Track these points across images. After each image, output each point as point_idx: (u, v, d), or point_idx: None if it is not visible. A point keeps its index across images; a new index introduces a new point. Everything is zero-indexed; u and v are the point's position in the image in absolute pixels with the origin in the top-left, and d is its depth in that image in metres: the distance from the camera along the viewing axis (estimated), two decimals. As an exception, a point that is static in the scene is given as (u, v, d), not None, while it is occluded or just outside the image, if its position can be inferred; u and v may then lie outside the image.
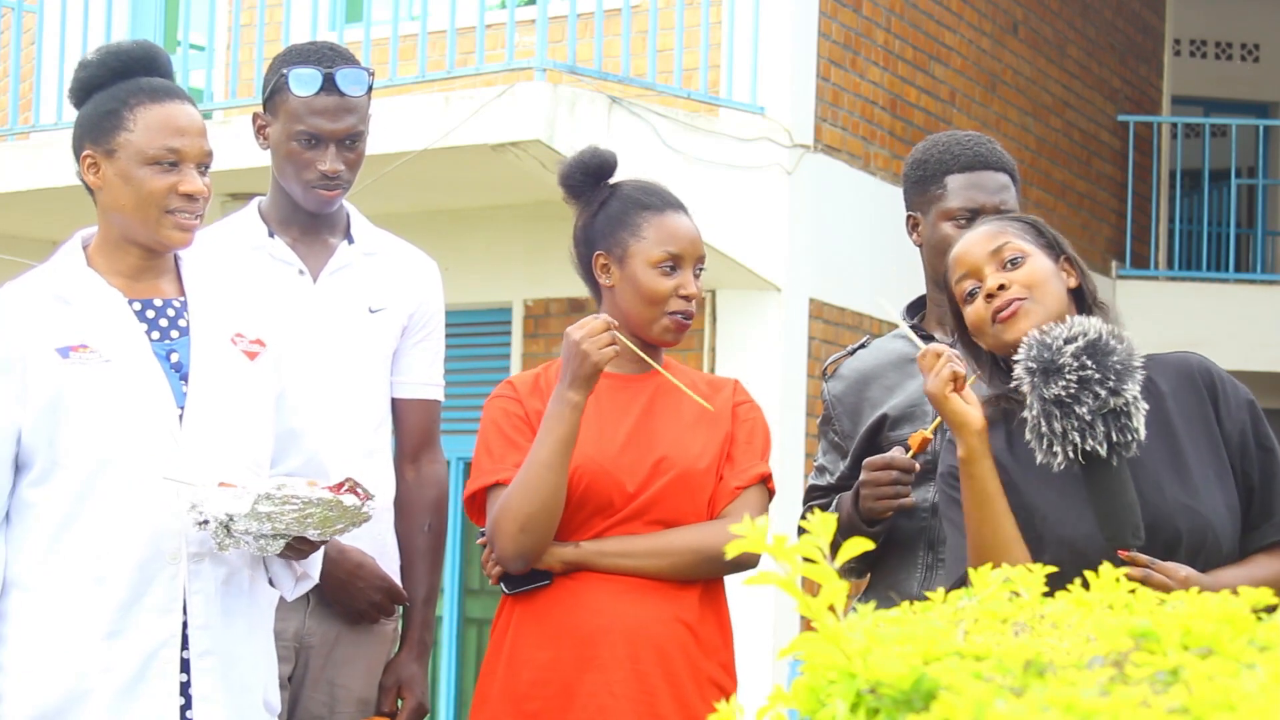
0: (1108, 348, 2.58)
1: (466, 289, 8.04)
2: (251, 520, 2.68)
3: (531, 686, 3.02)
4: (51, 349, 2.76)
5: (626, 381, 3.14)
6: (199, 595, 2.79)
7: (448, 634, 9.06)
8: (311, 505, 2.71)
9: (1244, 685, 1.32)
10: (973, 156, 3.29)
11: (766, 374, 7.71)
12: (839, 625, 1.48)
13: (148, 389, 2.79)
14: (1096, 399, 2.55)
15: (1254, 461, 2.73)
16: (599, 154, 3.22)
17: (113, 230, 2.85)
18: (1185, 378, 2.77)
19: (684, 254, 3.14)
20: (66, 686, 2.73)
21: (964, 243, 2.81)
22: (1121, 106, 11.69)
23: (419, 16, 7.90)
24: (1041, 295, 2.71)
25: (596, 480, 3.01)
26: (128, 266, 2.86)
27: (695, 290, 3.14)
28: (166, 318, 2.87)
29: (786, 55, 7.99)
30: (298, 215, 3.38)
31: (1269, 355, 11.04)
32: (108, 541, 2.74)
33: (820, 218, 8.06)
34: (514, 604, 3.11)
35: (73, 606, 2.74)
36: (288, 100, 3.30)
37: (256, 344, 2.92)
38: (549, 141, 6.86)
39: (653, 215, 3.16)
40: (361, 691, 3.39)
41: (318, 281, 3.36)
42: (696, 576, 3.05)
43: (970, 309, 2.76)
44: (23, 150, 8.69)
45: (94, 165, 2.84)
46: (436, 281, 3.51)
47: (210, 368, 2.85)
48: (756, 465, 3.12)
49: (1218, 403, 2.75)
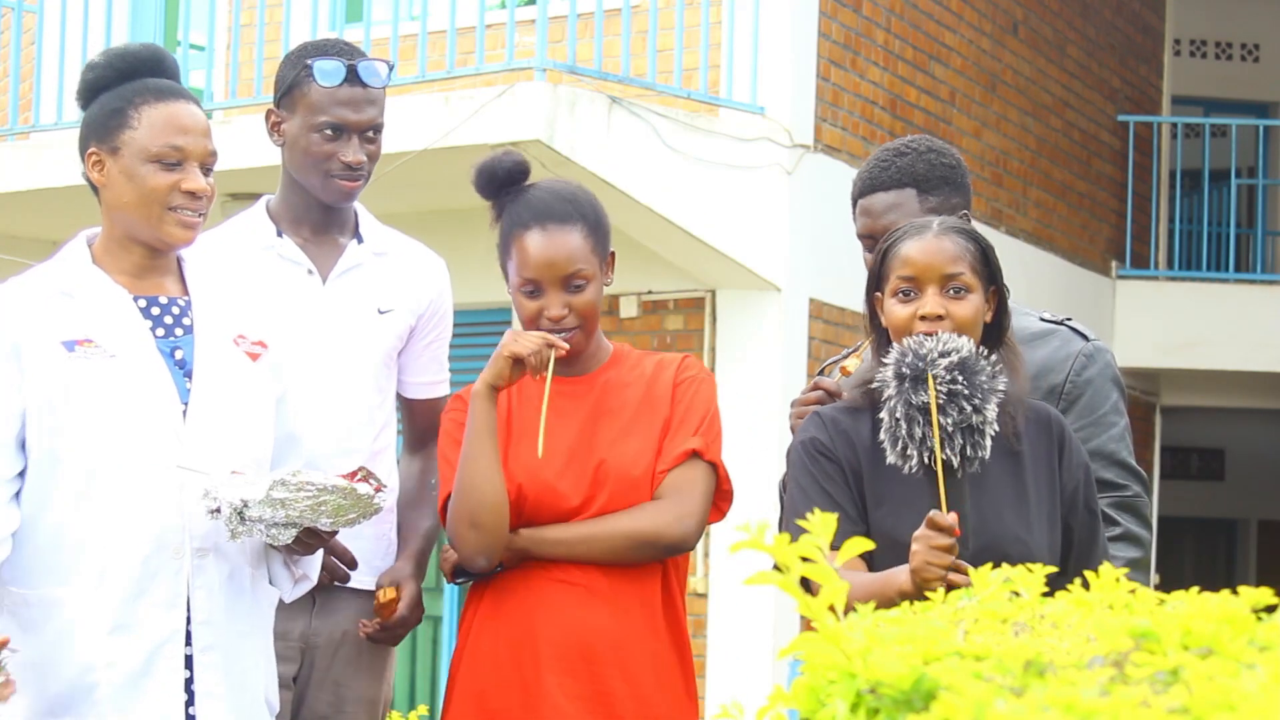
0: (976, 367, 2.71)
1: (466, 289, 8.01)
2: (265, 507, 2.69)
3: (492, 684, 3.05)
4: (56, 341, 2.78)
5: (571, 386, 3.11)
6: (202, 591, 2.80)
7: (448, 634, 9.06)
8: (326, 493, 2.72)
9: (1244, 685, 1.32)
10: (864, 181, 3.31)
11: (766, 374, 7.71)
12: (839, 625, 1.48)
13: (152, 384, 2.80)
14: (961, 413, 2.69)
15: (1080, 519, 2.91)
16: (492, 164, 3.15)
17: (116, 229, 2.87)
18: (1042, 423, 2.92)
19: (540, 277, 3.05)
20: (71, 681, 2.74)
21: (923, 247, 2.85)
22: (1121, 106, 11.69)
23: (419, 16, 7.90)
24: (967, 335, 2.84)
25: (542, 497, 3.02)
26: (132, 265, 2.87)
27: (558, 313, 3.04)
28: (171, 315, 2.88)
29: (786, 55, 7.99)
30: (309, 213, 3.37)
31: (1269, 355, 11.04)
32: (111, 536, 2.75)
33: (820, 218, 8.06)
34: (477, 599, 3.12)
35: (77, 601, 2.75)
36: (309, 92, 3.31)
37: (258, 345, 2.94)
38: (549, 141, 6.86)
39: (519, 234, 3.08)
40: (366, 692, 3.39)
41: (327, 282, 3.36)
42: (631, 561, 3.03)
43: (901, 310, 2.84)
44: (23, 150, 8.69)
45: (99, 163, 2.86)
46: (445, 280, 3.52)
47: (214, 365, 2.86)
48: (684, 443, 3.06)
49: (1062, 454, 2.91)
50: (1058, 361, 3.18)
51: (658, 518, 3.02)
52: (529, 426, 3.06)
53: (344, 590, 3.35)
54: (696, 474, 3.07)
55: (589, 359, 3.14)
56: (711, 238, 7.57)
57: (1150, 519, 3.20)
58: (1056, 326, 3.24)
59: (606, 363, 3.16)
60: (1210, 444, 16.20)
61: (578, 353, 3.09)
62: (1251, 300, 11.35)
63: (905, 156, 3.28)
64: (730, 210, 7.69)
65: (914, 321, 2.82)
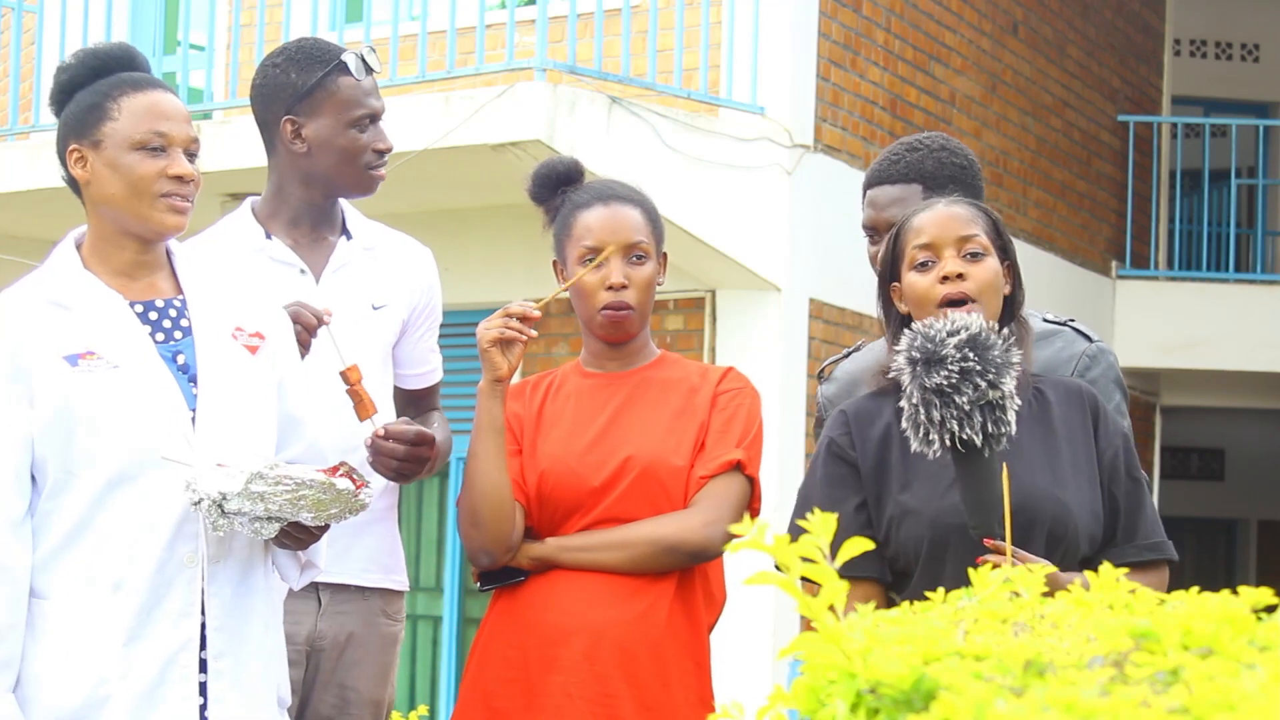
0: (988, 342, 2.66)
1: (466, 289, 8.03)
2: (244, 500, 2.67)
3: (499, 684, 3.05)
4: (58, 356, 2.75)
5: (608, 380, 3.14)
6: (216, 598, 2.79)
7: (448, 634, 9.06)
8: (304, 487, 2.70)
9: (1244, 685, 1.32)
10: (873, 173, 3.33)
11: (766, 374, 7.71)
12: (839, 625, 1.48)
13: (158, 393, 2.78)
14: (976, 390, 2.63)
15: (1122, 486, 2.87)
16: (550, 164, 3.21)
17: (105, 225, 2.84)
18: (1074, 396, 2.91)
19: (600, 246, 3.08)
20: (85, 693, 2.72)
21: (934, 215, 2.88)
22: (1121, 106, 11.69)
23: (419, 16, 7.90)
24: (988, 300, 2.84)
25: (562, 479, 3.02)
26: (123, 262, 2.84)
27: (620, 280, 3.07)
28: (169, 319, 2.86)
29: (786, 55, 7.99)
30: (303, 214, 3.38)
31: (1269, 355, 11.04)
32: (125, 547, 2.74)
33: (820, 218, 8.06)
34: (495, 601, 3.14)
35: (91, 613, 2.73)
36: (339, 89, 3.33)
37: (256, 337, 2.91)
38: (549, 141, 6.86)
39: (580, 212, 3.13)
40: (371, 693, 3.39)
41: (320, 281, 3.37)
42: (656, 569, 3.04)
43: (921, 279, 2.85)
44: (23, 150, 8.69)
45: (81, 159, 2.83)
46: (433, 270, 3.54)
47: (217, 368, 2.85)
48: (728, 452, 3.08)
49: (1098, 425, 2.89)
50: (1060, 363, 3.18)
51: (684, 524, 3.03)
52: (559, 419, 3.07)
53: (350, 592, 3.36)
54: (734, 485, 3.08)
55: (634, 353, 3.15)
56: (711, 238, 7.57)
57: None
58: (1060, 327, 3.24)
59: (650, 363, 3.18)
60: (1210, 444, 16.20)
61: (627, 337, 3.12)
62: (1251, 300, 11.34)
63: (916, 153, 3.30)
64: (730, 210, 7.69)
65: (935, 287, 2.82)
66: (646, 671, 3.02)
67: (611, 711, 2.99)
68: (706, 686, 3.10)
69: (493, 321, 3.02)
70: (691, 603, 3.10)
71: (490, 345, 3.00)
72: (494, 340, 3.00)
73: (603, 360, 3.14)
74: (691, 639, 3.09)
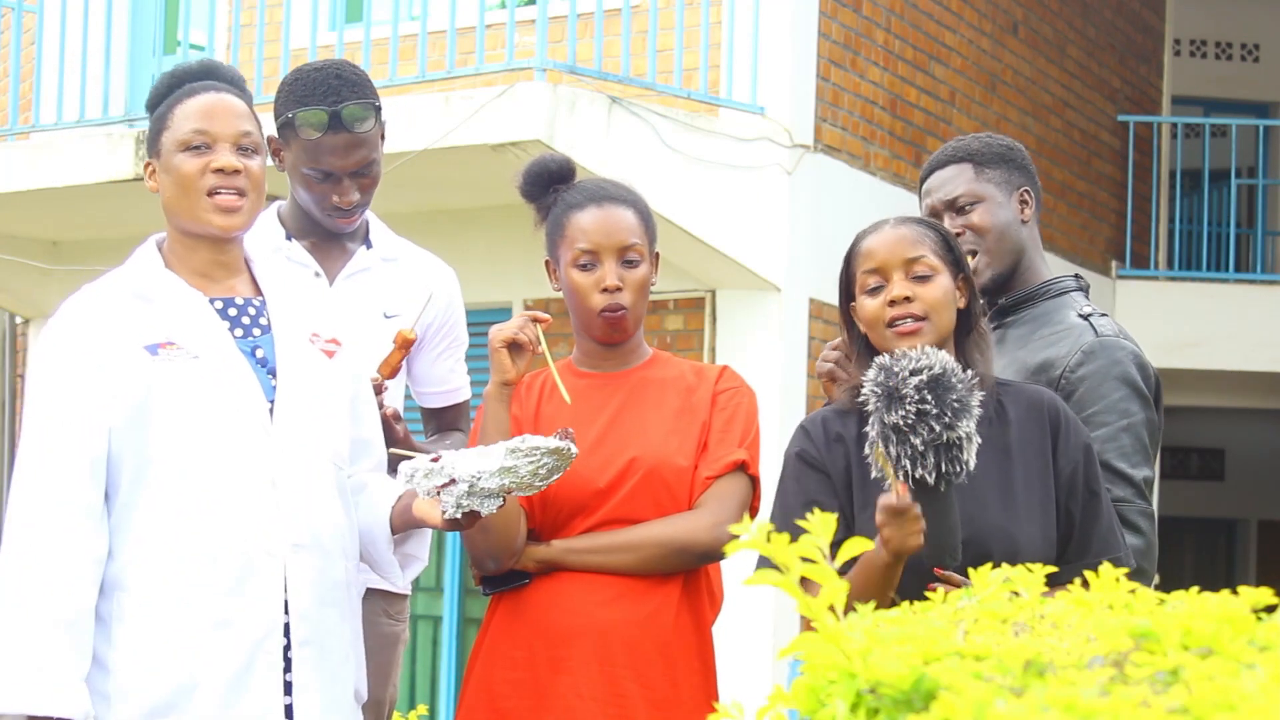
0: (949, 384, 2.67)
1: (466, 289, 8.03)
2: (496, 476, 2.70)
3: (506, 685, 3.04)
4: (139, 346, 2.80)
5: (604, 380, 3.14)
6: (298, 585, 2.82)
7: (448, 634, 9.06)
8: (547, 455, 2.73)
9: (1244, 685, 1.32)
10: (925, 169, 3.42)
11: (766, 374, 7.71)
12: (839, 625, 1.48)
13: (237, 384, 2.83)
14: (931, 432, 2.65)
15: (1079, 501, 2.89)
16: (542, 161, 3.20)
17: (174, 231, 2.92)
18: (1034, 409, 2.92)
19: (594, 248, 3.07)
20: (176, 681, 2.75)
21: (881, 238, 2.92)
22: (1121, 106, 11.69)
23: (419, 16, 7.90)
24: (938, 319, 2.87)
25: (567, 481, 3.02)
26: (200, 263, 2.90)
27: (615, 282, 3.06)
28: (249, 315, 2.91)
29: (786, 55, 7.99)
30: (317, 224, 3.40)
31: (1269, 355, 11.04)
32: (207, 536, 2.77)
33: (820, 218, 8.06)
34: (497, 603, 3.13)
35: (177, 602, 2.76)
36: (297, 136, 3.31)
37: (332, 344, 2.97)
38: (549, 141, 6.86)
39: (573, 213, 3.12)
40: (373, 693, 3.39)
41: (333, 284, 3.38)
42: (665, 570, 3.04)
43: (872, 303, 2.89)
44: (23, 150, 8.69)
45: (153, 172, 2.93)
46: (456, 291, 3.55)
47: (296, 362, 2.89)
48: (731, 452, 3.09)
49: (1057, 438, 2.90)
50: (1060, 356, 3.19)
51: (693, 524, 3.03)
52: (557, 419, 3.06)
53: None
54: (738, 486, 3.09)
55: (628, 354, 3.15)
56: (711, 238, 7.57)
57: (1142, 524, 3.09)
58: (1083, 321, 3.27)
59: (644, 363, 3.18)
60: (1210, 444, 16.19)
61: (624, 337, 3.12)
62: (1251, 300, 11.34)
63: (962, 141, 3.43)
64: (730, 210, 7.69)
65: (884, 310, 2.86)
66: (656, 671, 3.02)
67: (623, 711, 2.99)
68: (712, 685, 3.11)
69: (510, 323, 3.01)
70: (697, 602, 3.10)
71: (501, 345, 3.00)
72: (506, 340, 3.00)
73: (597, 360, 3.14)
74: (697, 638, 3.10)
